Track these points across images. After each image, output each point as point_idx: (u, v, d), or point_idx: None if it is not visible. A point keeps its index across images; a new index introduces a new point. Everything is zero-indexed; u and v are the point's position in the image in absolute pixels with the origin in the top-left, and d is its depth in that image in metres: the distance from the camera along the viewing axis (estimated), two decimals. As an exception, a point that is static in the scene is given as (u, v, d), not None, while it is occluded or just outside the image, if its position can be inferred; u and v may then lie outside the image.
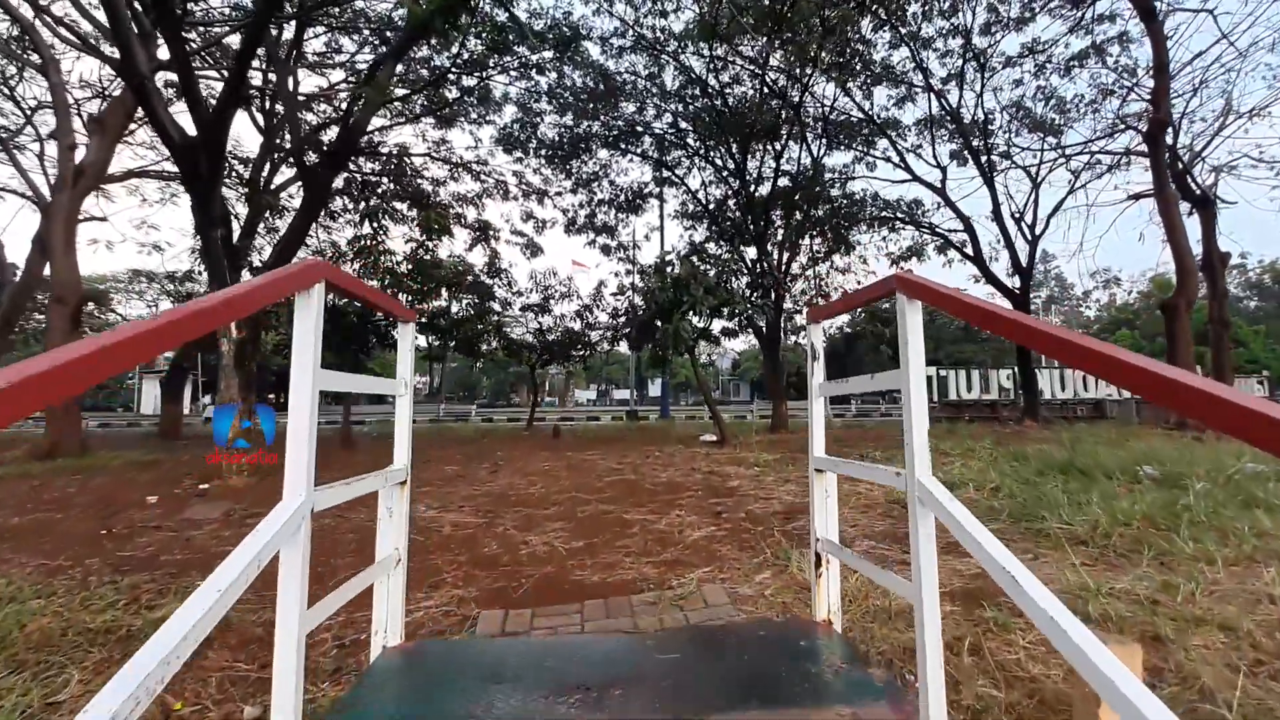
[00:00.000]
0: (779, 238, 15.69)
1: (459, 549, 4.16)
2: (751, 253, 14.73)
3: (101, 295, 23.94)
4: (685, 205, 17.59)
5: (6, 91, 14.28)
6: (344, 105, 12.42)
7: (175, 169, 11.93)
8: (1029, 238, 17.95)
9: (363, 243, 11.01)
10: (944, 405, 19.40)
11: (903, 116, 18.51)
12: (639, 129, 16.02)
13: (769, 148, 15.88)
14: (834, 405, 23.11)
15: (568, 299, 16.06)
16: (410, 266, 11.74)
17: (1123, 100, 17.36)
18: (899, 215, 18.63)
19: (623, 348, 18.71)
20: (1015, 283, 17.92)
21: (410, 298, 11.93)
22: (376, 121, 16.89)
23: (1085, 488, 5.07)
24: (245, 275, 10.25)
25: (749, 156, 14.86)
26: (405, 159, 11.91)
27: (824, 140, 15.64)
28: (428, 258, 11.91)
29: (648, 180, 17.49)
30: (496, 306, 15.30)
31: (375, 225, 11.17)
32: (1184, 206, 19.29)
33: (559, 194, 17.71)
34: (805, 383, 2.52)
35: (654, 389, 44.58)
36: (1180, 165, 17.48)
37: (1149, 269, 52.63)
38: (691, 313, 10.10)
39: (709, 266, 10.96)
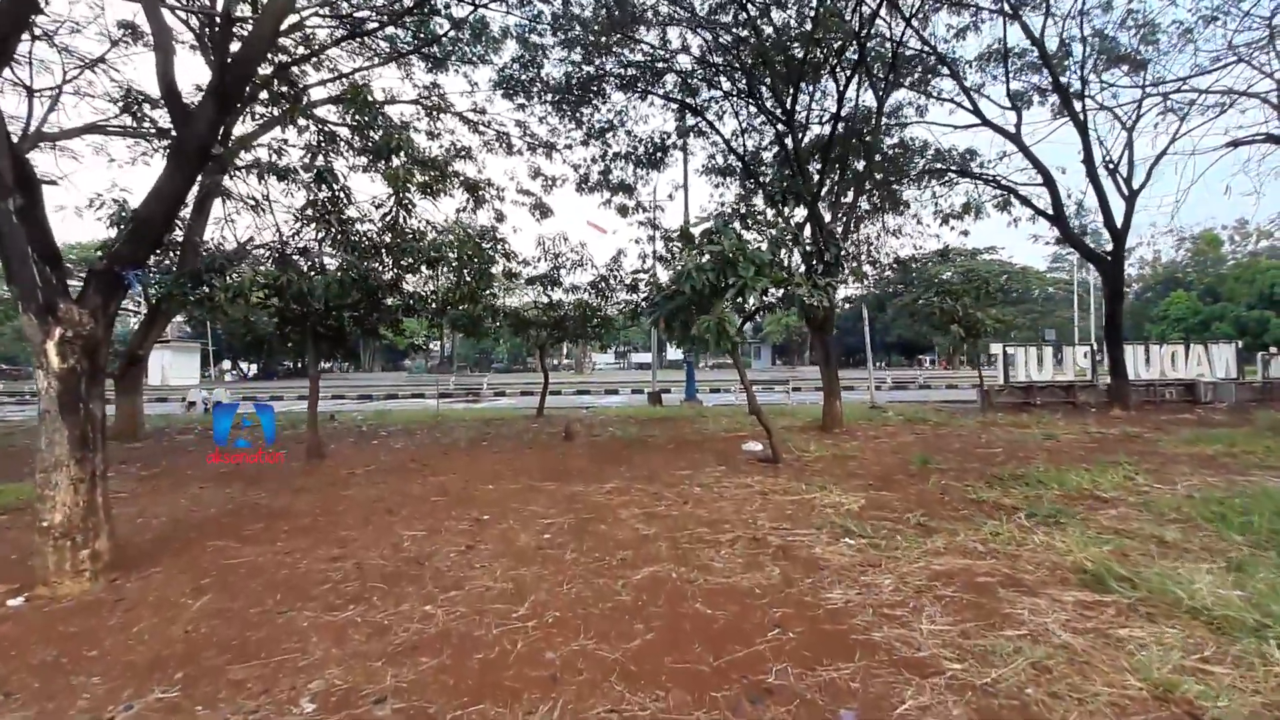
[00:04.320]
0: (822, 195, 13.08)
1: None
2: (798, 214, 12.17)
3: None
4: (713, 159, 14.92)
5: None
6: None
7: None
8: (1125, 192, 15.07)
9: (316, 210, 8.71)
10: (1011, 389, 16.90)
11: (963, 50, 15.59)
12: (660, 64, 13.27)
13: (821, 86, 13.14)
14: (846, 374, 20.77)
15: (581, 268, 13.74)
16: (390, 237, 9.47)
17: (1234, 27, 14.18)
18: (951, 167, 15.79)
19: (645, 322, 16.48)
20: (1107, 245, 15.15)
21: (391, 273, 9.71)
22: (346, 63, 14.35)
23: None
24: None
25: (798, 95, 12.11)
26: (365, 100, 9.44)
27: (891, 74, 12.75)
28: (408, 226, 9.60)
29: (670, 131, 14.86)
30: (497, 276, 12.98)
31: (333, 188, 8.80)
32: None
33: (568, 147, 15.19)
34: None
35: (674, 351, 42.19)
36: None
37: (1196, 223, 48.44)
38: (741, 298, 7.74)
39: (758, 236, 8.51)
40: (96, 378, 4.40)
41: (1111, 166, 15.11)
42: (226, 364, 52.24)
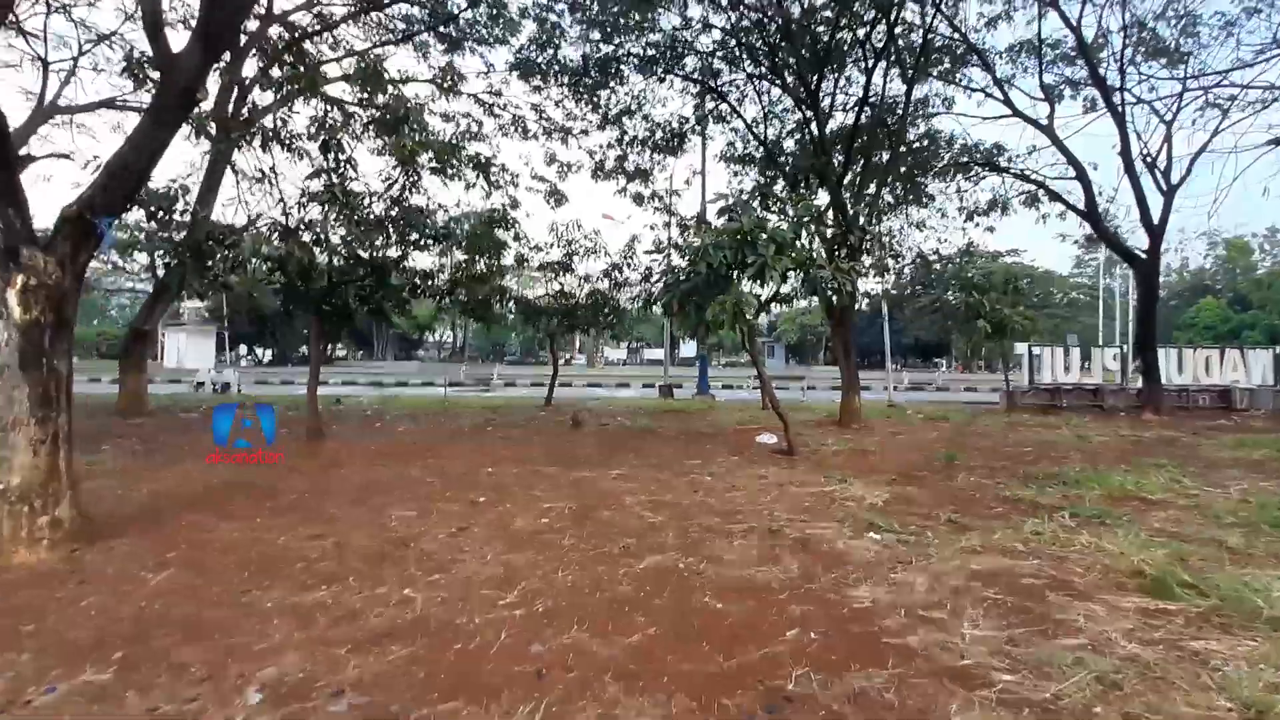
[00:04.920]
0: (845, 183, 12.56)
1: None
2: (821, 199, 11.66)
3: None
4: (733, 146, 14.43)
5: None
6: None
7: None
8: (1163, 188, 14.39)
9: (323, 181, 8.40)
10: (1036, 390, 16.28)
11: (994, 40, 15.00)
12: (681, 45, 12.81)
13: (847, 74, 12.65)
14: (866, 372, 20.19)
15: (594, 255, 13.33)
16: (396, 211, 9.14)
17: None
18: (978, 159, 15.17)
19: (658, 309, 16.04)
20: (1140, 243, 14.51)
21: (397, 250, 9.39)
22: (360, 41, 14.07)
23: None
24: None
25: (822, 78, 11.62)
26: (376, 72, 9.11)
27: (921, 60, 12.18)
28: (411, 201, 9.27)
29: (688, 115, 14.32)
30: (509, 262, 12.63)
31: (339, 158, 8.47)
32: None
33: (584, 132, 14.76)
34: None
35: (687, 348, 41.47)
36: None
37: (1229, 228, 46.95)
38: (759, 278, 7.29)
39: (779, 216, 8.06)
40: (62, 332, 4.07)
41: (1150, 161, 14.45)
42: (244, 349, 52.46)
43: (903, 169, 14.63)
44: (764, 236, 7.20)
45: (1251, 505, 5.45)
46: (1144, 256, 14.40)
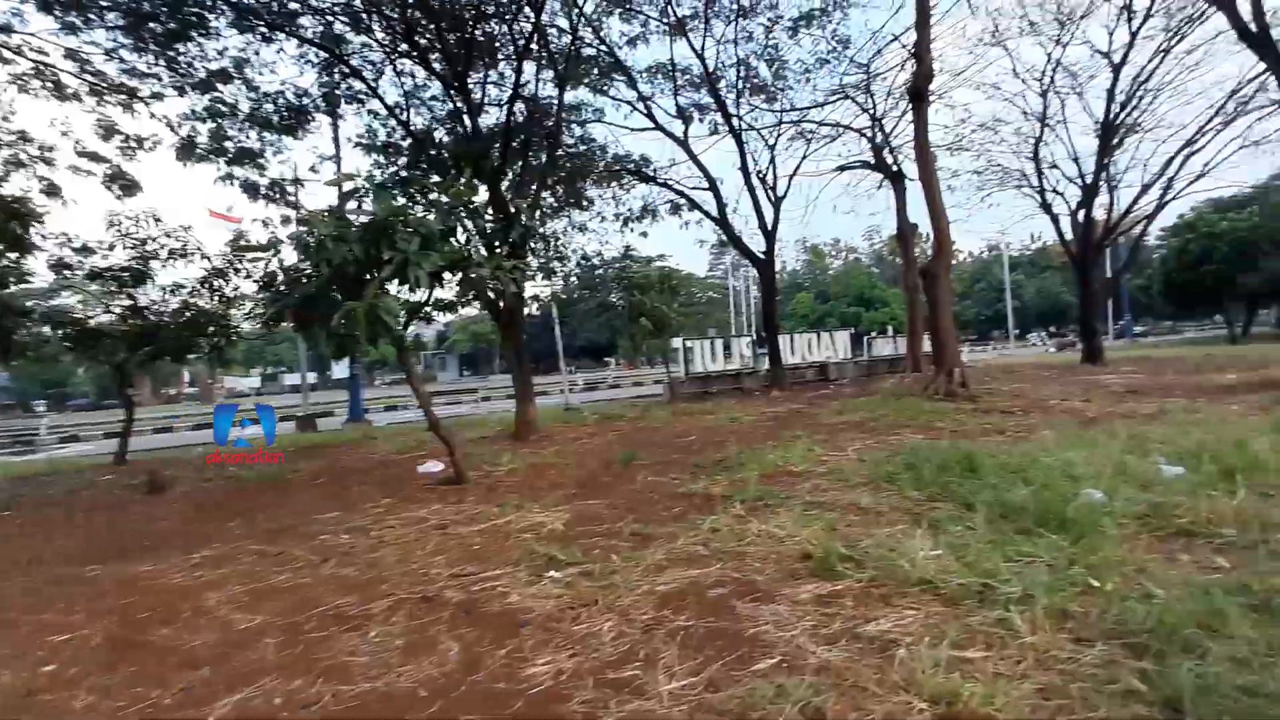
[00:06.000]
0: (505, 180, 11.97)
1: None
2: (481, 195, 10.72)
3: None
4: (373, 131, 12.52)
5: None
6: None
7: None
8: (772, 199, 17.30)
9: None
10: (691, 380, 18.09)
11: (636, 60, 16.33)
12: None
13: (499, 69, 12.01)
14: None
15: (184, 258, 10.15)
16: None
17: (842, 70, 17.43)
18: (629, 169, 16.36)
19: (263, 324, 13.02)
20: (759, 245, 17.15)
21: None
22: None
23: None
24: None
25: (470, 59, 10.69)
26: None
27: (571, 64, 12.17)
28: None
29: (308, 88, 11.84)
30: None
31: None
32: (874, 179, 20.97)
33: (158, 96, 11.12)
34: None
35: (341, 368, 36.10)
36: (881, 138, 18.43)
37: (815, 237, 61.80)
38: (400, 280, 5.98)
39: (424, 206, 6.83)
40: None
41: (761, 177, 17.20)
42: None
43: (563, 174, 14.74)
44: (405, 229, 5.93)
45: (867, 464, 6.22)
46: (763, 257, 17.06)
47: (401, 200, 6.69)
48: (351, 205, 6.28)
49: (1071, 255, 20.54)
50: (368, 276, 5.93)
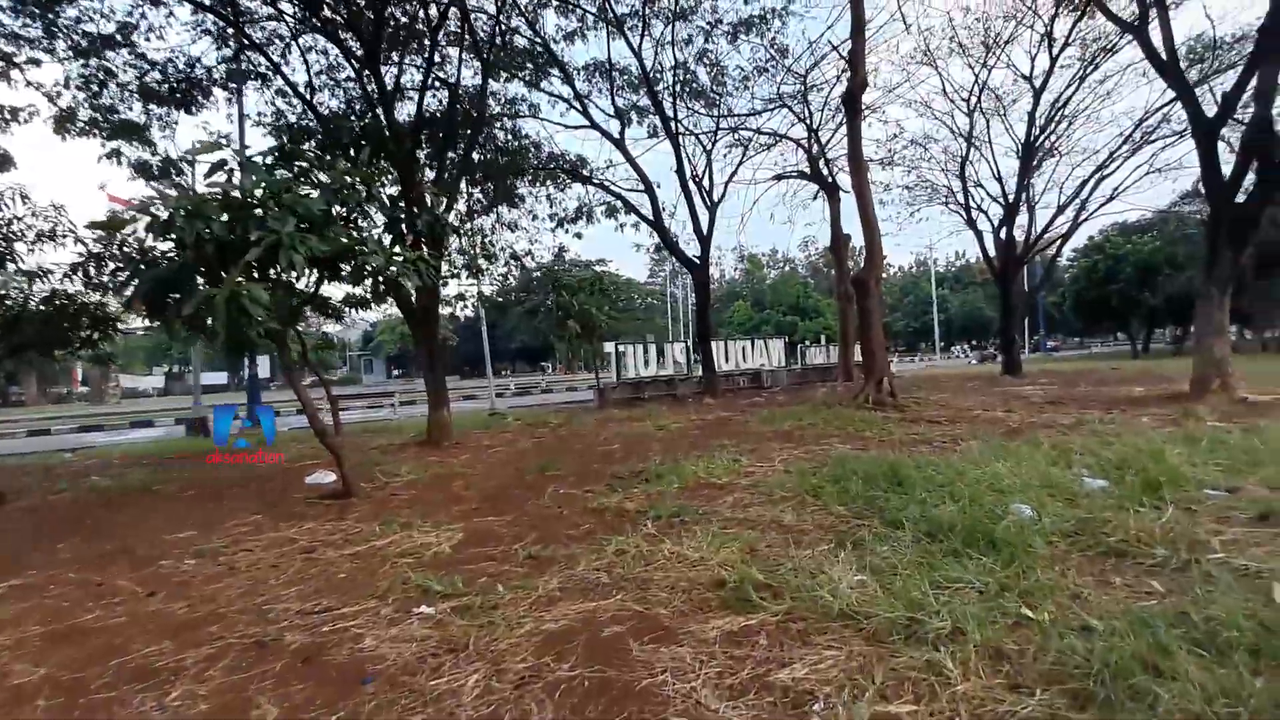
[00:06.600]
0: (427, 179, 11.20)
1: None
2: (390, 190, 9.93)
3: None
4: (281, 113, 11.50)
5: None
6: None
7: None
8: (708, 204, 17.06)
9: None
10: (623, 385, 17.62)
11: (573, 57, 15.82)
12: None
13: (418, 51, 11.21)
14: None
15: (53, 240, 8.93)
16: None
17: (779, 79, 17.45)
18: (564, 168, 15.82)
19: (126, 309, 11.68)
20: (696, 250, 16.86)
21: None
22: None
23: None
24: None
25: (381, 32, 9.88)
26: None
27: (495, 53, 11.53)
28: None
29: (200, 56, 10.71)
30: None
31: None
32: (810, 189, 21.17)
33: (35, 62, 9.89)
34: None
35: (264, 367, 33.44)
36: (817, 149, 18.55)
37: (754, 246, 62.60)
38: (272, 265, 5.22)
39: (305, 184, 6.05)
40: None
41: (698, 181, 16.93)
42: None
43: (492, 168, 14.05)
44: (276, 208, 5.19)
45: (793, 475, 5.85)
46: (698, 263, 16.78)
47: (282, 175, 5.88)
48: (219, 179, 5.46)
49: (994, 271, 21.26)
50: (229, 261, 5.15)
